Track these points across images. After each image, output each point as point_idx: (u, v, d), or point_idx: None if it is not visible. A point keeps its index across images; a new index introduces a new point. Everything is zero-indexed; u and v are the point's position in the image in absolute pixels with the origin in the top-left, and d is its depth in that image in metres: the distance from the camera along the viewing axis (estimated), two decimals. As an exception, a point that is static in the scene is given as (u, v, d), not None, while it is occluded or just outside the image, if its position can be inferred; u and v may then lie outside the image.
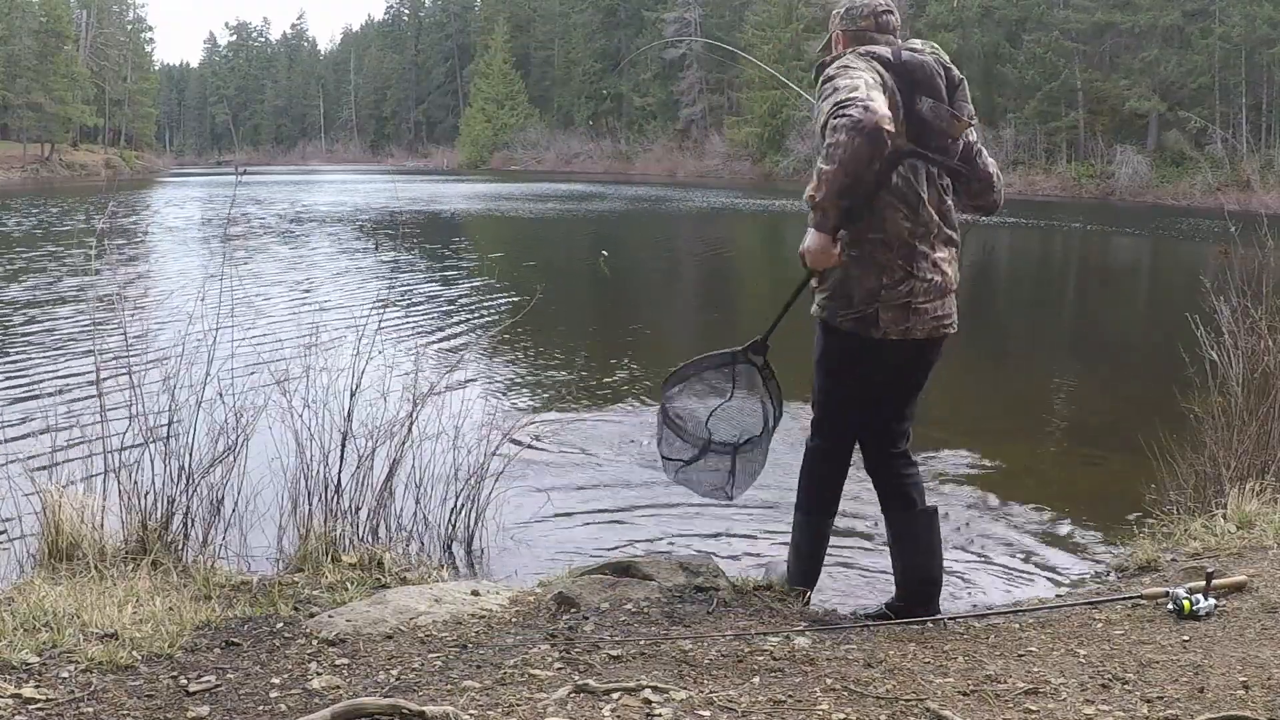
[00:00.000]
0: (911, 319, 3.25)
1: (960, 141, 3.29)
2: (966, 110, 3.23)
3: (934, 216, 3.22)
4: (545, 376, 8.46)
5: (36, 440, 5.18)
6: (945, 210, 3.28)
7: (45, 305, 11.54)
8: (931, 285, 3.24)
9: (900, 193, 3.18)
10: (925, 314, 3.26)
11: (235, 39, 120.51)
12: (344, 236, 21.90)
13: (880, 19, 3.32)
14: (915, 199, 3.18)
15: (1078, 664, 2.89)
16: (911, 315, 3.24)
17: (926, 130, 3.16)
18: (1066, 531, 5.02)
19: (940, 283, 3.26)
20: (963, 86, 3.23)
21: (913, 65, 3.14)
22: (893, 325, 3.24)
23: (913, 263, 3.20)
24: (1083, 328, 12.99)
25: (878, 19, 3.32)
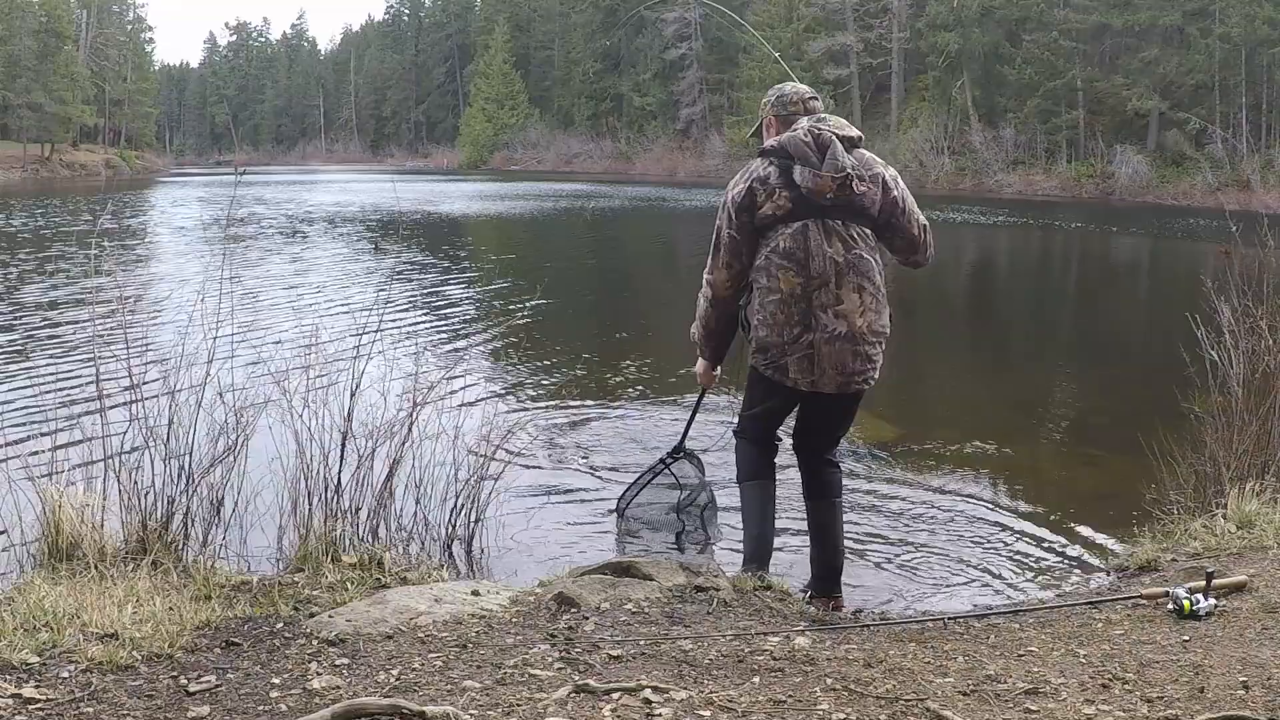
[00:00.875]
0: (817, 372, 3.61)
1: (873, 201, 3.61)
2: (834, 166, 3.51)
3: (831, 268, 3.54)
4: (546, 376, 8.46)
5: (36, 440, 5.18)
6: (853, 260, 3.57)
7: (46, 305, 11.54)
8: (834, 335, 3.55)
9: (788, 253, 3.56)
10: (831, 367, 3.60)
11: (235, 39, 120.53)
12: (344, 236, 21.90)
13: (807, 104, 3.82)
14: (804, 256, 3.54)
15: (1078, 664, 2.89)
16: (817, 368, 3.60)
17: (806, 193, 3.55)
18: (1066, 531, 5.02)
19: (845, 332, 3.56)
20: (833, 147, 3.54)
21: (789, 144, 3.59)
22: (801, 377, 3.63)
23: (810, 316, 3.56)
24: (1083, 328, 12.99)
25: (805, 104, 3.82)
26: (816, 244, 3.53)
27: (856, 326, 3.57)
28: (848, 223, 3.58)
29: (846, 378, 3.63)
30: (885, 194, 3.64)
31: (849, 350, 3.59)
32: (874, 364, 3.68)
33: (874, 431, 6.74)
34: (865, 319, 3.59)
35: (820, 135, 3.56)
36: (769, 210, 3.57)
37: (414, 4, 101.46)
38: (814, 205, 3.54)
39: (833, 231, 3.56)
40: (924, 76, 51.17)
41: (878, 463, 6.12)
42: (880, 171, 3.65)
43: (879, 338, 3.67)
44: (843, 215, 3.57)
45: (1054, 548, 4.81)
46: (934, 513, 5.27)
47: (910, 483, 5.75)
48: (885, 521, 5.13)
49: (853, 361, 3.61)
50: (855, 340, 3.59)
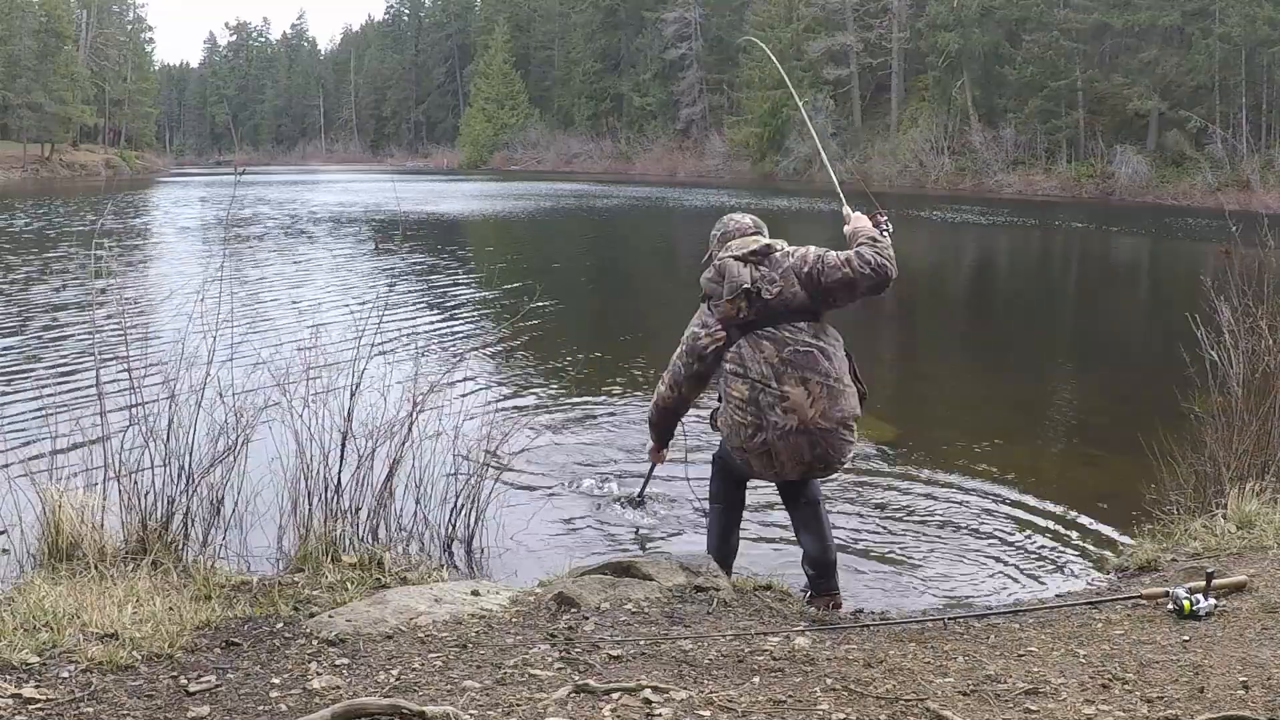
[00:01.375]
0: (778, 464, 3.79)
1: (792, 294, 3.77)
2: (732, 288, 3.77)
3: (772, 369, 3.75)
4: (546, 377, 8.46)
5: (36, 440, 5.19)
6: (788, 357, 3.75)
7: (46, 305, 11.54)
8: (786, 430, 3.71)
9: (732, 367, 3.81)
10: (789, 460, 3.75)
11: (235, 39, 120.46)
12: (344, 237, 21.90)
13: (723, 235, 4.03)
14: (744, 367, 3.78)
15: (1078, 664, 2.89)
16: (776, 461, 3.78)
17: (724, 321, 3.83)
18: (1066, 531, 5.02)
19: (796, 425, 3.71)
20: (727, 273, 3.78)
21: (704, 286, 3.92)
22: (764, 470, 3.85)
23: (761, 416, 3.75)
24: (1083, 328, 12.99)
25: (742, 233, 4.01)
26: (750, 354, 3.78)
27: (808, 417, 3.71)
28: (777, 326, 3.77)
29: (806, 466, 3.80)
30: (804, 279, 3.77)
31: (804, 441, 3.73)
32: (839, 449, 3.79)
33: (874, 431, 6.74)
34: (816, 408, 3.71)
35: (718, 265, 3.85)
36: (709, 345, 3.88)
37: (414, 4, 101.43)
38: (737, 325, 3.80)
39: (761, 339, 3.77)
40: (924, 76, 51.14)
41: (877, 463, 6.12)
42: (789, 265, 3.79)
43: (839, 425, 3.75)
44: (767, 322, 3.77)
45: (1054, 548, 4.81)
46: (934, 513, 5.27)
47: (910, 483, 5.75)
48: (885, 521, 5.13)
49: (810, 451, 3.74)
50: (809, 432, 3.71)
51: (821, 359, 3.74)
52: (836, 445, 3.75)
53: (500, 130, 75.13)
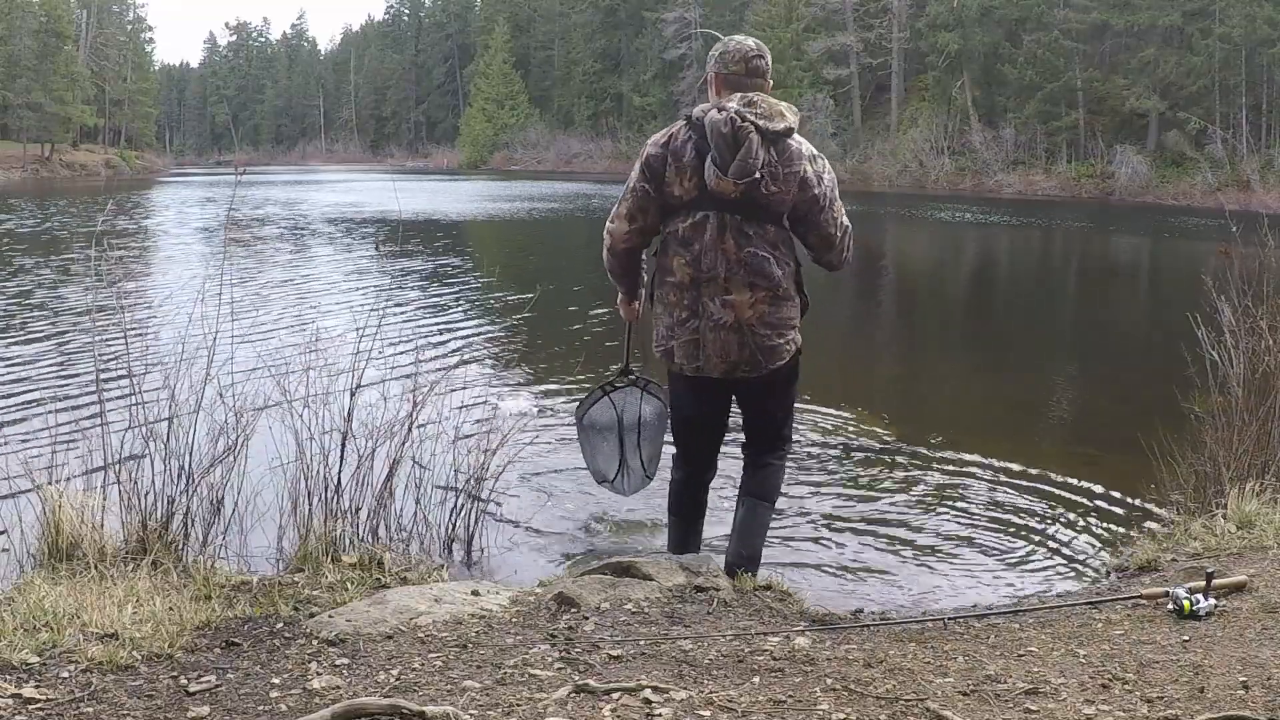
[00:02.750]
0: (702, 357, 3.63)
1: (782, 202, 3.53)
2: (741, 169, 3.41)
3: (722, 265, 3.52)
4: (546, 376, 8.46)
5: (36, 440, 5.19)
6: (745, 258, 3.53)
7: (46, 305, 11.54)
8: (719, 324, 3.57)
9: (684, 240, 3.56)
10: (716, 354, 3.61)
11: (235, 39, 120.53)
12: (344, 236, 21.90)
13: (750, 63, 3.59)
14: (699, 249, 3.54)
15: (1078, 664, 2.89)
16: (701, 353, 3.62)
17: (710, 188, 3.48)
18: (1066, 531, 5.02)
19: (730, 321, 3.56)
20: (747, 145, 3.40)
21: (710, 128, 3.44)
22: (686, 361, 3.66)
23: (698, 303, 3.58)
24: (1083, 327, 12.99)
25: (748, 64, 3.59)
26: (712, 239, 3.52)
27: (745, 317, 3.56)
28: (749, 219, 3.52)
29: (730, 365, 3.63)
30: (803, 192, 3.55)
31: (734, 340, 3.58)
32: (769, 354, 3.61)
33: (873, 431, 6.74)
34: (755, 311, 3.56)
35: (739, 128, 3.42)
36: (677, 191, 3.55)
37: (414, 4, 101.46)
38: (717, 200, 3.50)
39: (729, 227, 3.51)
40: (924, 76, 51.16)
41: (876, 463, 6.12)
42: (800, 169, 3.53)
43: (772, 329, 3.60)
44: (745, 211, 3.51)
45: (1054, 548, 4.80)
46: (933, 513, 5.27)
47: (908, 482, 5.75)
48: (884, 521, 5.12)
49: (739, 351, 3.59)
50: (741, 330, 3.57)
51: (773, 267, 3.55)
52: (766, 349, 3.60)
53: (500, 130, 75.16)
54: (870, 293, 15.50)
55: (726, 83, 3.60)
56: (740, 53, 3.60)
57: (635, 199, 3.63)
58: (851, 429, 6.77)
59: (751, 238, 3.53)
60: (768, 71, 3.62)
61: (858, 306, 14.13)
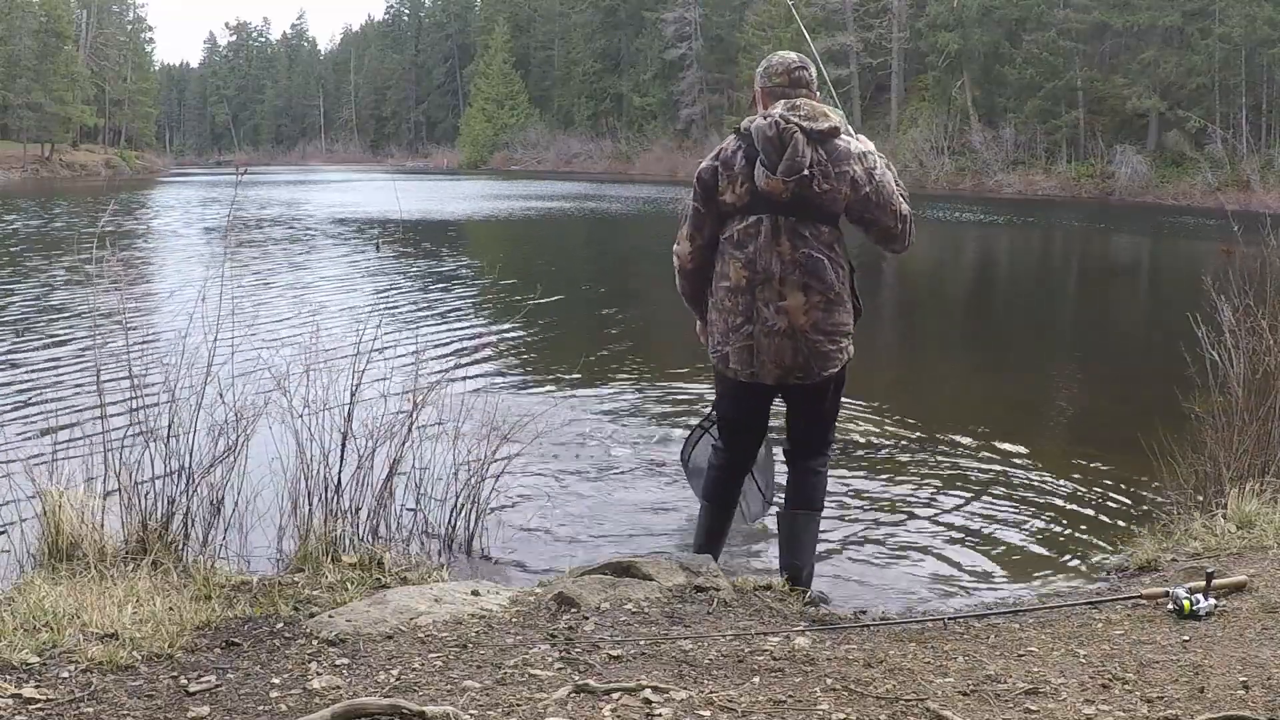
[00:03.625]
0: (756, 363, 3.65)
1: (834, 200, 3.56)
2: (790, 167, 3.48)
3: (776, 266, 3.56)
4: (546, 376, 8.46)
5: (36, 440, 5.19)
6: (800, 259, 3.56)
7: (46, 305, 11.54)
8: (773, 329, 3.59)
9: (739, 244, 3.60)
10: (771, 360, 3.63)
11: (235, 39, 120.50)
12: (344, 236, 21.90)
13: (793, 74, 3.69)
14: (753, 251, 3.57)
15: (1078, 664, 2.89)
16: (755, 359, 3.64)
17: (761, 190, 3.55)
18: (1067, 531, 5.02)
19: (784, 327, 3.58)
20: (793, 145, 3.47)
21: (755, 134, 3.55)
22: (741, 367, 3.68)
23: (753, 308, 3.60)
24: (1083, 327, 12.99)
25: (790, 75, 3.69)
26: (766, 240, 3.56)
27: (799, 324, 3.58)
28: (803, 220, 3.55)
29: (785, 371, 3.64)
30: (855, 192, 3.58)
31: (789, 346, 3.60)
32: (821, 361, 3.64)
33: (873, 431, 6.74)
34: (810, 317, 3.59)
35: (784, 130, 3.49)
36: (729, 199, 3.61)
37: (414, 4, 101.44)
38: (769, 201, 3.54)
39: (783, 229, 3.55)
40: (924, 76, 51.15)
41: (876, 462, 6.12)
42: (850, 169, 3.56)
43: (826, 336, 3.63)
44: (799, 212, 3.55)
45: (1054, 548, 4.80)
46: (933, 512, 5.27)
47: (909, 482, 5.75)
48: (884, 521, 5.12)
49: (793, 357, 3.61)
50: (795, 336, 3.59)
51: (829, 269, 3.58)
52: (820, 355, 3.62)
53: (500, 130, 75.15)
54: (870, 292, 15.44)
55: (771, 95, 3.69)
56: (783, 65, 3.71)
57: (693, 218, 3.72)
58: (851, 429, 6.77)
59: (806, 238, 3.56)
60: (812, 82, 3.71)
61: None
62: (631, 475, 5.78)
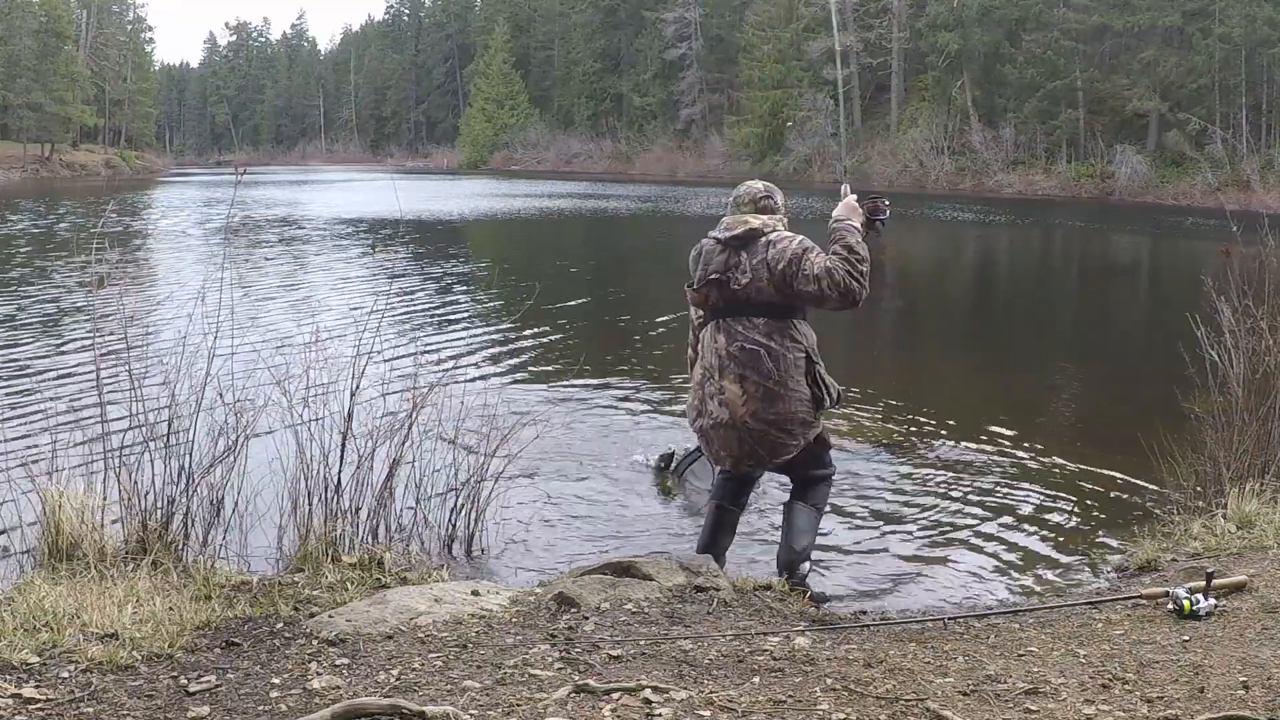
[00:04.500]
0: (713, 450, 3.97)
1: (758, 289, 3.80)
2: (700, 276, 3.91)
3: (718, 361, 3.86)
4: (546, 376, 8.46)
5: (36, 440, 5.19)
6: (734, 352, 3.83)
7: (46, 306, 11.54)
8: (718, 422, 3.85)
9: (699, 351, 4.02)
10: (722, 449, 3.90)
11: (235, 39, 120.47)
12: (345, 237, 21.90)
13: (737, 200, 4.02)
14: (707, 350, 3.93)
15: (1078, 664, 2.89)
16: (709, 447, 3.97)
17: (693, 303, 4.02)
18: (1067, 531, 5.02)
19: (727, 419, 3.82)
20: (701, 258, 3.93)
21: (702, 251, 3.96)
22: (707, 449, 4.03)
23: (703, 401, 3.93)
24: (1083, 327, 12.98)
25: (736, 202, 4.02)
26: (708, 342, 3.92)
27: (738, 415, 3.81)
28: (737, 316, 3.83)
29: (735, 459, 3.90)
30: (773, 274, 3.77)
31: (733, 436, 3.84)
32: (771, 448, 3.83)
33: (872, 431, 6.74)
34: (748, 407, 3.78)
35: (699, 247, 3.94)
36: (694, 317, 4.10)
37: (414, 4, 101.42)
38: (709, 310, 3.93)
39: (723, 329, 3.87)
40: (924, 76, 51.13)
41: (876, 463, 6.11)
42: (764, 257, 3.80)
43: (770, 425, 3.78)
44: (732, 311, 3.85)
45: (1054, 548, 4.80)
46: (933, 513, 5.27)
47: (909, 482, 5.75)
48: (884, 521, 5.13)
49: (738, 446, 3.85)
50: (737, 427, 3.81)
51: (765, 360, 3.78)
52: (768, 444, 3.82)
53: (500, 130, 75.13)
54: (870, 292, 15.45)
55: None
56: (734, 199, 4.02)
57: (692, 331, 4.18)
58: (850, 429, 6.77)
59: (740, 334, 3.84)
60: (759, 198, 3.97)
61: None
62: (631, 475, 5.78)
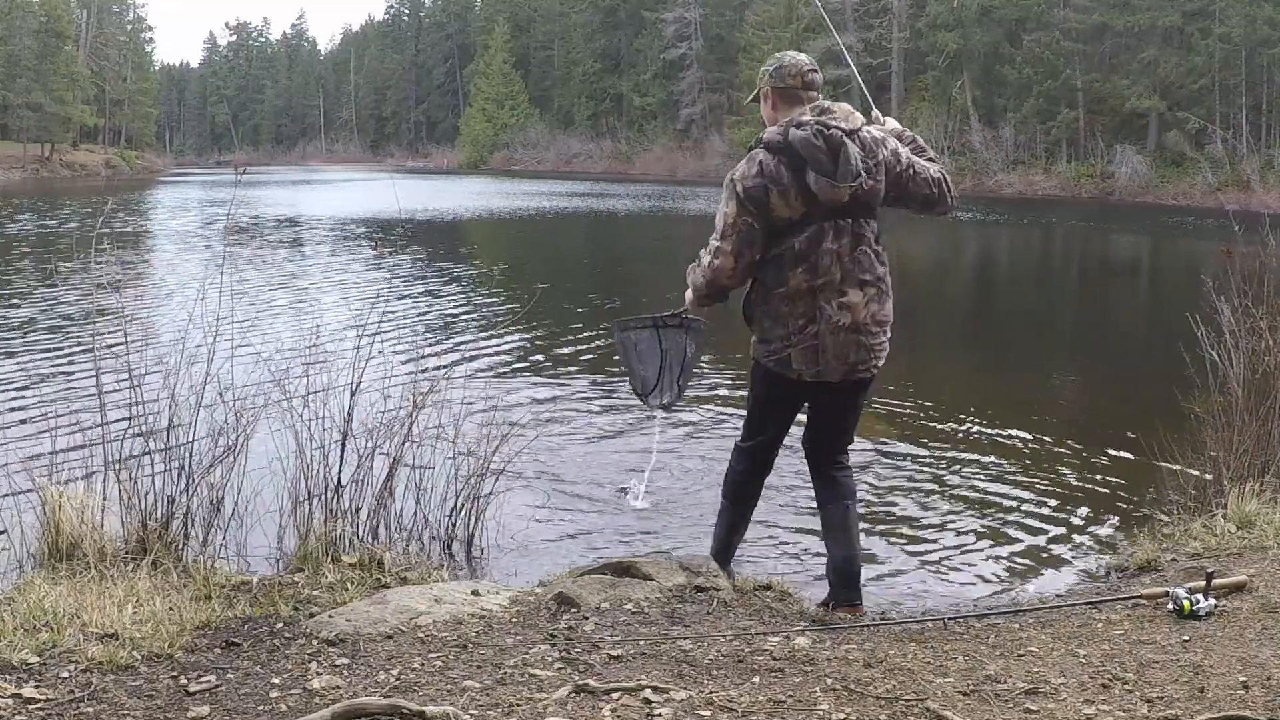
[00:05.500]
0: (822, 361, 3.64)
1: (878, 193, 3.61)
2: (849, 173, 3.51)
3: (838, 266, 3.58)
4: (546, 376, 8.46)
5: (36, 440, 5.18)
6: (858, 256, 3.60)
7: (46, 306, 11.54)
8: (838, 326, 3.59)
9: (800, 255, 3.57)
10: (835, 358, 3.63)
11: (235, 39, 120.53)
12: (345, 237, 21.90)
13: (806, 78, 3.70)
14: (815, 257, 3.56)
15: (1078, 664, 2.89)
16: (821, 357, 3.63)
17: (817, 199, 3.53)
18: (1067, 531, 5.02)
19: (850, 323, 3.60)
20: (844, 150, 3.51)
21: (798, 144, 3.52)
22: (805, 367, 3.65)
23: (813, 310, 3.59)
24: (1083, 327, 12.98)
25: (804, 78, 3.70)
26: (828, 246, 3.56)
27: (860, 318, 3.60)
28: (856, 219, 3.59)
29: (850, 366, 3.65)
30: (889, 173, 3.63)
31: (853, 341, 3.62)
32: (878, 353, 3.69)
33: (872, 431, 6.74)
34: (869, 310, 3.62)
35: (830, 136, 3.51)
36: (783, 214, 3.56)
37: (414, 4, 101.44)
38: (826, 209, 3.55)
39: (843, 231, 3.57)
40: (924, 76, 51.14)
41: (875, 462, 6.11)
42: (884, 156, 3.62)
43: (881, 327, 3.68)
44: (853, 213, 3.58)
45: (1054, 548, 4.80)
46: (933, 513, 5.27)
47: (908, 482, 5.75)
48: (883, 521, 5.13)
49: (856, 351, 3.63)
50: (859, 330, 3.61)
51: (878, 263, 3.65)
52: (877, 348, 3.67)
53: (500, 130, 75.15)
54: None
55: (783, 97, 3.70)
56: (796, 68, 3.70)
57: (740, 235, 3.60)
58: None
59: (862, 237, 3.60)
60: (821, 85, 3.74)
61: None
62: (632, 475, 5.78)
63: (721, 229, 3.64)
